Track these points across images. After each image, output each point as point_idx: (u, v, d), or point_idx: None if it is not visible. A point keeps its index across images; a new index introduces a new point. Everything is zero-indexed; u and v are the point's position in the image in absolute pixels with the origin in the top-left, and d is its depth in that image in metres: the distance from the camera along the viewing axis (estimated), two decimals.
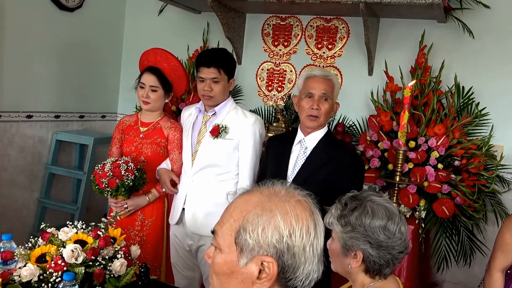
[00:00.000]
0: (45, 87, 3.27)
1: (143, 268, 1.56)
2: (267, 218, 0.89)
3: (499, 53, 2.72)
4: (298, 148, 2.04)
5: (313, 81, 1.98)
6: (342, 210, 1.36)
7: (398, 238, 1.32)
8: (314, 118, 1.97)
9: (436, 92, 2.73)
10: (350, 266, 1.35)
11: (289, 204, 0.91)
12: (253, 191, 0.96)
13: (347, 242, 1.33)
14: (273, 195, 0.93)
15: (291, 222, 0.89)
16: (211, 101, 2.23)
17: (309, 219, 0.92)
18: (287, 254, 0.88)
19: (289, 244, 0.88)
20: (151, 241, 2.42)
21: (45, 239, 1.61)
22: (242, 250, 0.89)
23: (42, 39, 3.18)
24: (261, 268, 0.88)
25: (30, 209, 3.32)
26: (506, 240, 1.74)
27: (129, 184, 2.19)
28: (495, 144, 2.70)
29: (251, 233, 0.88)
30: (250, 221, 0.89)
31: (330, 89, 1.97)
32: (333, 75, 2.04)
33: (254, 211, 0.90)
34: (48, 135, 3.35)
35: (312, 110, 1.96)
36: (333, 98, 1.99)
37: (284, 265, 0.88)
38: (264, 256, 0.88)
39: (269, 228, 0.88)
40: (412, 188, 2.56)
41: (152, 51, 2.46)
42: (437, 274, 2.81)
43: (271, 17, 3.35)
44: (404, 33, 2.94)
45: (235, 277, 0.91)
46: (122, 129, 2.49)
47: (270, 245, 0.88)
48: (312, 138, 2.02)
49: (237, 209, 0.93)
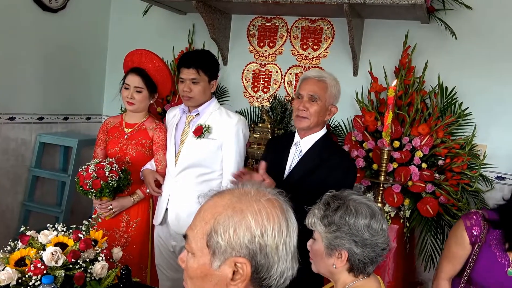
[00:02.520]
0: (29, 89, 3.23)
1: (124, 270, 1.55)
2: (238, 219, 0.88)
3: (482, 53, 2.75)
4: (294, 150, 2.03)
5: (304, 83, 1.99)
6: (325, 210, 1.36)
7: (382, 236, 1.34)
8: (301, 119, 1.96)
9: (420, 92, 2.75)
10: (334, 266, 1.35)
11: (259, 203, 0.91)
12: (224, 192, 0.96)
13: (332, 242, 1.33)
14: (243, 196, 0.93)
15: (263, 222, 0.88)
16: (191, 101, 2.24)
17: (281, 217, 0.91)
18: (259, 254, 0.87)
19: (262, 244, 0.87)
20: (137, 242, 2.41)
21: (25, 242, 1.59)
22: (215, 252, 0.89)
23: (25, 40, 3.13)
24: (235, 270, 0.88)
25: (13, 213, 3.28)
26: (452, 249, 1.79)
27: (114, 185, 2.18)
28: (478, 143, 2.73)
29: (222, 235, 0.88)
30: (221, 223, 0.89)
31: (321, 90, 1.94)
32: (329, 77, 1.98)
33: (225, 212, 0.89)
34: (31, 137, 3.31)
35: (299, 111, 1.96)
36: (325, 100, 1.95)
37: (257, 265, 0.88)
38: (236, 257, 0.87)
39: (241, 229, 0.87)
40: (396, 187, 2.58)
41: (137, 52, 2.45)
42: (423, 272, 2.82)
43: (257, 18, 3.35)
44: (388, 34, 2.96)
45: (209, 280, 0.90)
46: (106, 130, 2.47)
47: (242, 246, 0.87)
48: (307, 141, 2.01)
49: (207, 212, 0.92)
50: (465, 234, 1.74)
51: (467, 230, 1.74)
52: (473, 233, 1.73)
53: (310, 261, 1.44)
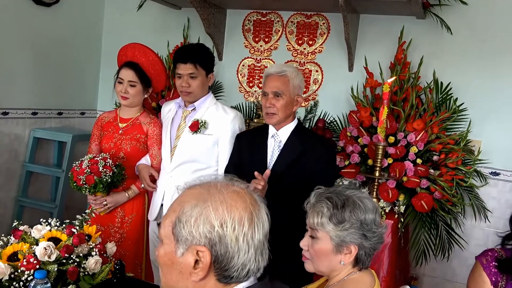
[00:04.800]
0: (22, 83, 3.20)
1: (118, 265, 1.54)
2: (200, 209, 0.91)
3: (477, 49, 2.76)
4: (272, 142, 2.07)
5: (267, 80, 2.02)
6: (333, 209, 1.35)
7: (384, 227, 1.40)
8: (271, 115, 2.01)
9: (415, 88, 2.75)
10: (342, 263, 1.35)
11: (223, 195, 0.94)
12: (197, 184, 0.99)
13: (344, 239, 1.33)
14: (211, 187, 0.96)
15: (223, 213, 0.91)
16: (190, 96, 2.22)
17: (245, 209, 0.93)
18: (218, 243, 0.90)
19: (221, 234, 0.90)
20: (132, 238, 2.39)
21: (17, 237, 1.58)
22: (178, 240, 0.92)
23: (18, 35, 3.10)
24: (197, 258, 0.91)
25: (7, 208, 3.25)
26: None
27: (107, 181, 2.16)
28: (473, 139, 2.75)
29: (184, 223, 0.91)
30: (185, 212, 0.92)
31: (284, 85, 1.98)
32: (290, 70, 2.01)
33: (190, 202, 0.93)
34: (25, 132, 3.29)
35: (267, 108, 2.01)
36: (289, 93, 1.99)
37: (217, 254, 0.91)
38: (197, 245, 0.90)
39: (201, 219, 0.90)
40: (391, 183, 2.58)
41: (130, 46, 2.43)
42: (416, 268, 2.84)
43: (252, 13, 3.34)
44: (383, 29, 2.96)
45: (175, 268, 0.94)
46: (101, 125, 2.46)
47: (201, 235, 0.90)
48: (284, 131, 2.06)
49: (177, 201, 0.97)
50: (484, 274, 1.57)
51: (486, 269, 1.57)
52: (492, 270, 1.56)
53: (303, 261, 1.43)
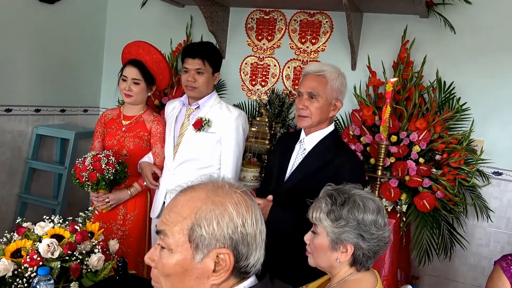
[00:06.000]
0: (25, 80, 3.20)
1: (120, 262, 1.54)
2: (220, 211, 0.91)
3: (480, 48, 2.75)
4: (298, 148, 1.93)
5: (304, 79, 1.88)
6: (332, 205, 1.35)
7: (387, 230, 1.36)
8: (302, 118, 1.85)
9: (418, 87, 2.75)
10: (338, 260, 1.35)
11: (236, 195, 0.95)
12: (195, 187, 0.98)
13: (339, 237, 1.33)
14: (218, 189, 0.96)
15: (242, 212, 0.93)
16: (194, 92, 2.22)
17: (256, 207, 0.97)
18: (241, 243, 0.92)
19: (243, 233, 0.92)
20: (134, 235, 2.40)
21: (21, 234, 1.58)
22: (198, 246, 0.91)
23: (21, 32, 3.11)
24: (216, 261, 0.91)
25: (9, 205, 3.26)
26: None
27: (110, 178, 2.17)
28: (476, 138, 2.74)
29: (206, 227, 0.90)
30: (203, 216, 0.91)
31: (321, 86, 1.81)
32: (330, 70, 1.84)
33: (205, 206, 0.92)
34: (28, 129, 3.29)
35: (300, 110, 1.85)
36: (326, 96, 1.81)
37: (239, 254, 0.92)
38: (220, 248, 0.90)
39: (224, 221, 0.91)
40: (393, 182, 2.58)
41: (135, 44, 2.43)
42: (418, 267, 2.83)
43: (255, 11, 3.33)
44: (387, 28, 2.95)
45: (190, 275, 0.92)
46: (104, 122, 2.46)
47: (226, 237, 0.90)
48: (312, 139, 1.89)
49: (185, 207, 0.94)
50: (504, 276, 1.58)
51: (506, 272, 1.58)
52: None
53: (307, 255, 1.44)
